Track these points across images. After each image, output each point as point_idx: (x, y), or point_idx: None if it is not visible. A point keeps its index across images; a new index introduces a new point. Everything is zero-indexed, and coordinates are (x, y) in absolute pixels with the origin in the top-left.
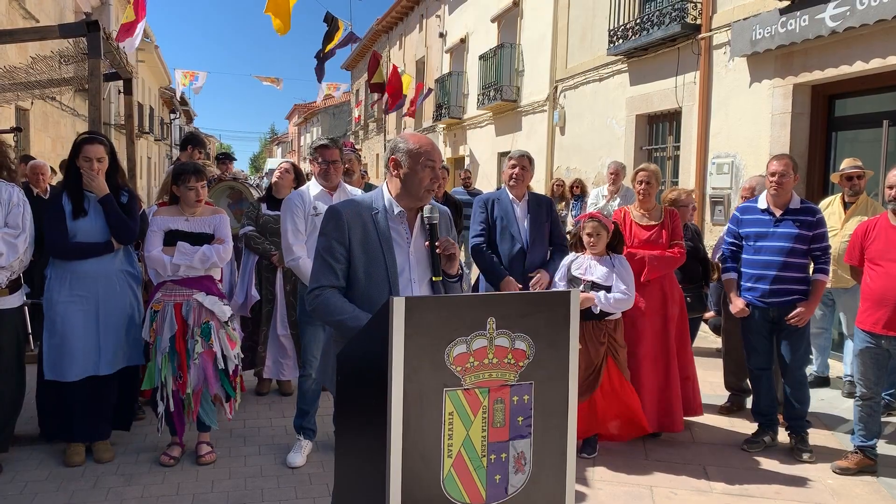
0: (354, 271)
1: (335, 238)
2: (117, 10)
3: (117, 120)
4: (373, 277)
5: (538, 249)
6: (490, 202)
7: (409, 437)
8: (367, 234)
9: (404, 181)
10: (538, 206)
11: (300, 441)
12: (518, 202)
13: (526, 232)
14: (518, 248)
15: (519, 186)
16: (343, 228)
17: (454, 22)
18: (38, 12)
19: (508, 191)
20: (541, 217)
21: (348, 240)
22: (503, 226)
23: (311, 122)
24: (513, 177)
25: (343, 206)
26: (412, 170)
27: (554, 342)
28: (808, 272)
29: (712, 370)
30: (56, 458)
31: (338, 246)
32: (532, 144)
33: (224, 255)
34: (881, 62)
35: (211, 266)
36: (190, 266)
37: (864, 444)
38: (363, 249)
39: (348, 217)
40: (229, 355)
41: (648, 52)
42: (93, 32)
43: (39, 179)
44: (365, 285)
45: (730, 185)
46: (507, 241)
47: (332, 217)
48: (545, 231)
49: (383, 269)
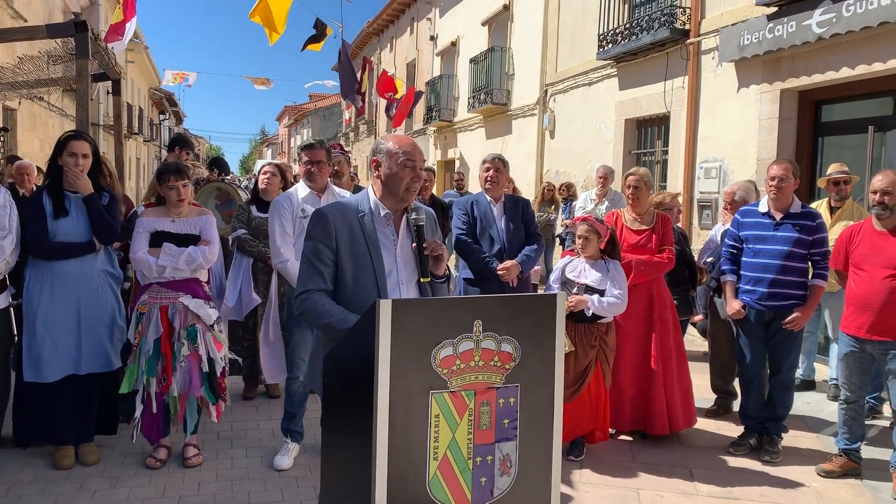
0: (342, 274)
1: (322, 241)
2: (107, 11)
3: (106, 120)
4: (360, 280)
5: (516, 248)
6: (470, 204)
7: (395, 439)
8: (354, 237)
9: (385, 182)
10: (514, 206)
11: (287, 444)
12: (495, 203)
13: (503, 232)
14: (497, 249)
15: (494, 188)
16: (330, 231)
17: (445, 25)
18: (27, 12)
19: (486, 193)
20: (517, 217)
21: (335, 243)
22: (483, 227)
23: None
24: (487, 179)
25: (329, 209)
26: (392, 170)
27: (540, 345)
28: (806, 277)
29: (699, 373)
30: (41, 460)
31: (325, 249)
32: (522, 148)
33: (209, 256)
34: (867, 68)
35: (197, 267)
36: (175, 267)
37: (849, 447)
38: (350, 252)
39: (335, 220)
40: (216, 358)
41: (637, 56)
42: (81, 33)
43: (25, 180)
44: (353, 288)
45: (717, 189)
46: (486, 241)
47: (318, 220)
48: (522, 231)
49: (371, 271)
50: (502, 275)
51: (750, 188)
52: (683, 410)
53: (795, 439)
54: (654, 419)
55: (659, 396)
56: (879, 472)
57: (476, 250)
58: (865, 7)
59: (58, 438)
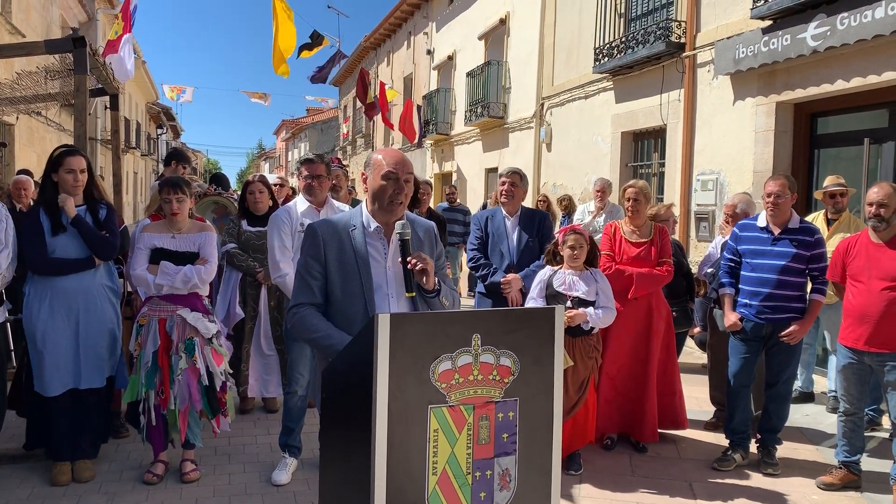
0: (332, 287)
1: (311, 255)
2: (104, 26)
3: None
4: (348, 293)
5: (526, 264)
6: (485, 219)
7: (394, 454)
8: (343, 251)
9: (373, 195)
10: (530, 220)
11: (285, 459)
12: (510, 218)
13: (514, 248)
14: (507, 264)
15: (510, 202)
16: (319, 245)
17: (442, 39)
18: (25, 27)
19: (502, 207)
20: (531, 232)
21: (324, 257)
22: (494, 242)
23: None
24: (503, 193)
25: (320, 224)
26: (376, 183)
27: (539, 358)
28: (804, 291)
29: (698, 385)
30: (38, 477)
31: (314, 263)
32: (519, 161)
33: (205, 276)
34: (862, 81)
35: (192, 287)
36: (172, 286)
37: (848, 460)
38: (339, 266)
39: (324, 234)
40: (215, 372)
41: (634, 70)
42: (79, 48)
43: (22, 195)
44: (341, 301)
45: (714, 201)
46: (497, 257)
47: (308, 235)
48: (536, 245)
49: (359, 285)
50: (503, 289)
51: (751, 201)
52: (673, 416)
53: (795, 451)
54: (645, 426)
55: (651, 404)
56: (879, 485)
57: (482, 265)
58: (859, 20)
59: (55, 454)
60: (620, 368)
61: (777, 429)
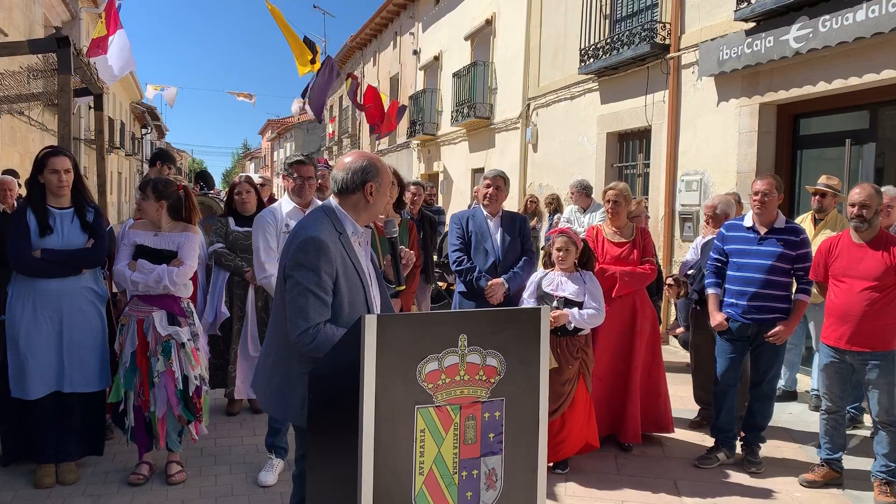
0: (340, 301)
1: (326, 272)
2: (88, 25)
3: (87, 135)
4: (355, 304)
5: (511, 262)
6: (465, 219)
7: (381, 454)
8: (345, 263)
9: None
10: (511, 222)
11: (272, 460)
12: (492, 218)
13: (499, 246)
14: (491, 262)
15: (493, 205)
16: (332, 261)
17: (428, 40)
18: (7, 26)
19: (483, 208)
20: (513, 232)
21: (336, 272)
22: (477, 240)
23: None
24: (487, 195)
25: (322, 234)
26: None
27: (525, 359)
28: (790, 291)
29: (682, 385)
30: (21, 479)
31: (328, 279)
32: (505, 161)
33: (177, 278)
34: (843, 83)
35: (163, 289)
36: (146, 284)
37: (831, 457)
38: (346, 278)
39: (333, 248)
40: (189, 376)
41: (619, 71)
42: (63, 48)
43: (7, 195)
44: (349, 313)
45: (698, 202)
46: (481, 254)
47: (319, 250)
48: (517, 245)
49: (362, 294)
50: (486, 294)
51: (731, 202)
52: (657, 418)
53: (778, 450)
54: (627, 426)
55: (634, 404)
56: (861, 482)
57: (467, 269)
58: (841, 23)
59: (39, 456)
60: (606, 368)
61: (761, 427)
